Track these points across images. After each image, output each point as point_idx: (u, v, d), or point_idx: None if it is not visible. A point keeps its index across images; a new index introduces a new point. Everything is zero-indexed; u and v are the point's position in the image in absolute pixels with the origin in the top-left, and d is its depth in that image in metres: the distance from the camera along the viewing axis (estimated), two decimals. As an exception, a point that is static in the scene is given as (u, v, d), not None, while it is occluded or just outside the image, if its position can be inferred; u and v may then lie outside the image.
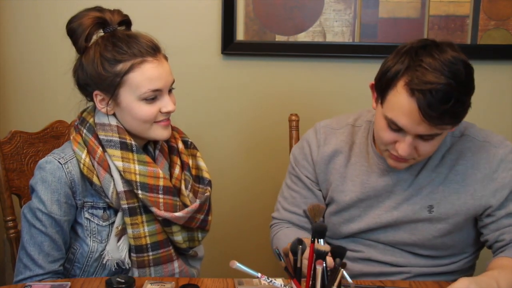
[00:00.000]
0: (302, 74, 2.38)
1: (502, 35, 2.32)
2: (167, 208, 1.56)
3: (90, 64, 1.54)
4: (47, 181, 1.53)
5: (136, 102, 1.53)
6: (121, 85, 1.52)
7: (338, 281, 1.19)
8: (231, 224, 2.49)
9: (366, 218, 1.64)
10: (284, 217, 1.74)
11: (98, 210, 1.58)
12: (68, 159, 1.55)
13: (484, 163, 1.57)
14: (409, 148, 1.47)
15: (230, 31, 2.32)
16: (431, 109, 1.38)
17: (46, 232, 1.54)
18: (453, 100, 1.38)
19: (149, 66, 1.52)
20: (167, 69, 1.56)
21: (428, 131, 1.43)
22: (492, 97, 2.36)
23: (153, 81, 1.52)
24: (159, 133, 1.57)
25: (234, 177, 2.46)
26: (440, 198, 1.58)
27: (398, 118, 1.44)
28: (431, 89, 1.37)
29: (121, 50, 1.52)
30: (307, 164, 1.71)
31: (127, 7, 2.32)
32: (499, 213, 1.56)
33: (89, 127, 1.58)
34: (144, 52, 1.53)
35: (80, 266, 1.60)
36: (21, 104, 2.40)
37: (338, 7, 2.29)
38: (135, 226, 1.56)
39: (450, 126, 1.46)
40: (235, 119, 2.42)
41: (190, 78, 2.37)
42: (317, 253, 1.21)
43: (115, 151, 1.54)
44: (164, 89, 1.55)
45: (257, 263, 1.51)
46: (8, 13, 2.35)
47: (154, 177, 1.56)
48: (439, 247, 1.61)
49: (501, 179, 1.55)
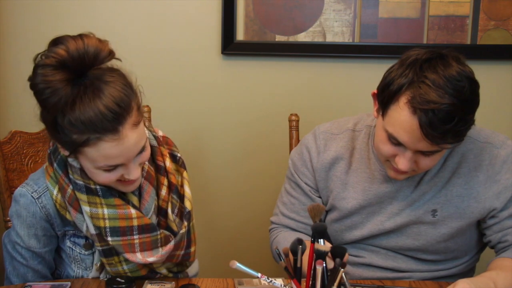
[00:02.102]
0: (302, 74, 2.38)
1: (502, 35, 2.32)
2: (144, 247, 1.44)
3: (48, 122, 1.33)
4: (21, 216, 1.46)
5: (95, 170, 1.36)
6: (78, 152, 1.34)
7: (338, 281, 1.19)
8: (231, 224, 2.49)
9: (369, 225, 1.62)
10: (283, 223, 1.73)
11: (80, 238, 1.51)
12: (41, 192, 1.46)
13: (486, 164, 1.56)
14: (409, 162, 1.45)
15: (230, 31, 2.32)
16: (432, 128, 1.36)
17: (28, 265, 1.50)
18: (456, 119, 1.36)
19: (107, 145, 1.30)
20: (131, 143, 1.32)
21: (429, 148, 1.41)
22: (492, 97, 2.36)
23: (111, 159, 1.33)
24: (122, 189, 1.44)
25: (233, 177, 2.45)
26: (444, 202, 1.56)
27: (399, 134, 1.41)
28: (433, 108, 1.35)
29: (76, 120, 1.27)
30: (306, 171, 1.68)
31: (127, 7, 2.34)
32: (503, 214, 1.55)
33: (60, 161, 1.44)
34: (100, 128, 1.28)
35: None
36: (21, 104, 2.39)
37: (338, 7, 2.29)
38: (113, 265, 1.48)
39: (452, 144, 1.43)
40: (235, 119, 2.42)
41: (190, 78, 2.37)
42: (317, 253, 1.21)
43: (81, 195, 1.42)
44: (127, 162, 1.36)
45: (257, 263, 1.51)
46: (8, 13, 2.35)
47: (126, 218, 1.43)
48: (442, 251, 1.61)
49: (504, 180, 1.54)
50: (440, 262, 1.63)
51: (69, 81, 1.28)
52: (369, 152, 1.62)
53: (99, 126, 1.27)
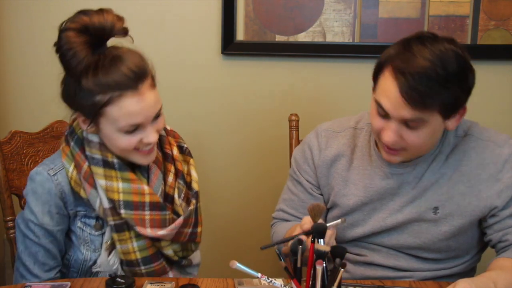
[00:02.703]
0: (302, 74, 2.38)
1: (502, 35, 2.32)
2: (154, 224, 1.52)
3: (72, 88, 1.46)
4: (37, 193, 1.52)
5: (116, 133, 1.46)
6: (100, 115, 1.45)
7: (338, 281, 1.19)
8: (231, 224, 2.49)
9: (371, 222, 1.62)
10: (282, 218, 1.75)
11: (90, 219, 1.56)
12: (57, 170, 1.53)
13: (489, 163, 1.55)
14: (393, 134, 1.45)
15: (230, 31, 2.32)
16: (411, 90, 1.38)
17: (40, 243, 1.53)
18: (436, 84, 1.38)
19: (128, 101, 1.42)
20: (150, 101, 1.46)
21: (410, 115, 1.42)
22: (492, 97, 2.36)
23: (133, 117, 1.44)
24: (139, 160, 1.52)
25: (234, 177, 2.46)
26: (445, 199, 1.56)
27: (383, 100, 1.44)
28: (413, 71, 1.38)
29: (99, 81, 1.40)
30: (308, 168, 1.69)
31: (127, 7, 2.33)
32: (503, 213, 1.55)
33: (77, 140, 1.54)
34: (123, 85, 1.41)
35: (76, 270, 1.60)
36: (21, 104, 2.40)
37: (338, 7, 2.29)
38: (123, 242, 1.54)
39: (435, 113, 1.43)
40: (235, 119, 2.42)
41: (190, 78, 2.37)
42: (317, 253, 1.21)
43: (98, 168, 1.50)
44: (145, 122, 1.47)
45: (257, 263, 1.51)
46: (8, 13, 2.35)
47: (139, 193, 1.51)
48: (443, 250, 1.60)
49: (506, 179, 1.54)
50: (441, 261, 1.62)
51: (90, 46, 1.41)
52: (370, 149, 1.63)
53: (122, 84, 1.41)
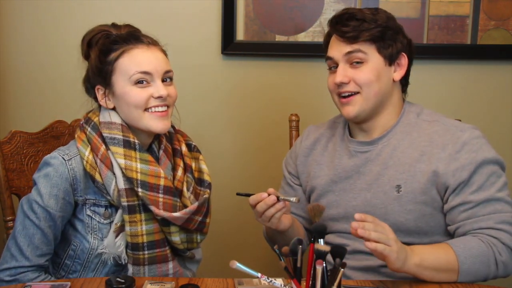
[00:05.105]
0: (302, 74, 2.38)
1: (502, 35, 2.32)
2: (166, 207, 1.57)
3: (92, 62, 1.62)
4: (49, 175, 1.55)
5: (128, 87, 1.57)
6: (113, 72, 1.58)
7: (338, 281, 1.19)
8: (231, 224, 2.49)
9: (343, 203, 1.71)
10: None
11: (100, 208, 1.60)
12: (72, 156, 1.58)
13: (448, 143, 1.61)
14: (341, 73, 1.63)
15: (230, 31, 2.32)
16: (340, 24, 1.63)
17: (39, 225, 1.55)
18: (362, 18, 1.61)
19: (138, 51, 1.59)
20: (159, 57, 1.60)
21: (347, 49, 1.62)
22: (492, 97, 2.36)
23: (141, 64, 1.57)
24: (154, 124, 1.59)
25: (234, 176, 2.46)
26: (407, 177, 1.62)
27: (329, 52, 1.67)
28: (341, 13, 1.66)
29: (113, 39, 1.60)
30: (290, 160, 1.86)
31: (127, 7, 2.34)
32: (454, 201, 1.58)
33: (94, 126, 1.62)
34: (135, 40, 1.59)
35: (80, 262, 1.61)
36: (21, 104, 2.40)
37: (338, 7, 2.29)
38: (133, 224, 1.57)
39: (373, 49, 1.62)
40: (235, 119, 2.42)
41: (190, 78, 2.37)
42: (317, 253, 1.21)
43: (118, 148, 1.57)
44: (154, 74, 1.58)
45: (257, 263, 1.52)
46: (9, 13, 2.35)
47: (155, 176, 1.58)
48: (414, 231, 1.63)
49: (463, 160, 1.59)
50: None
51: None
52: (344, 135, 1.76)
53: (134, 39, 1.59)
